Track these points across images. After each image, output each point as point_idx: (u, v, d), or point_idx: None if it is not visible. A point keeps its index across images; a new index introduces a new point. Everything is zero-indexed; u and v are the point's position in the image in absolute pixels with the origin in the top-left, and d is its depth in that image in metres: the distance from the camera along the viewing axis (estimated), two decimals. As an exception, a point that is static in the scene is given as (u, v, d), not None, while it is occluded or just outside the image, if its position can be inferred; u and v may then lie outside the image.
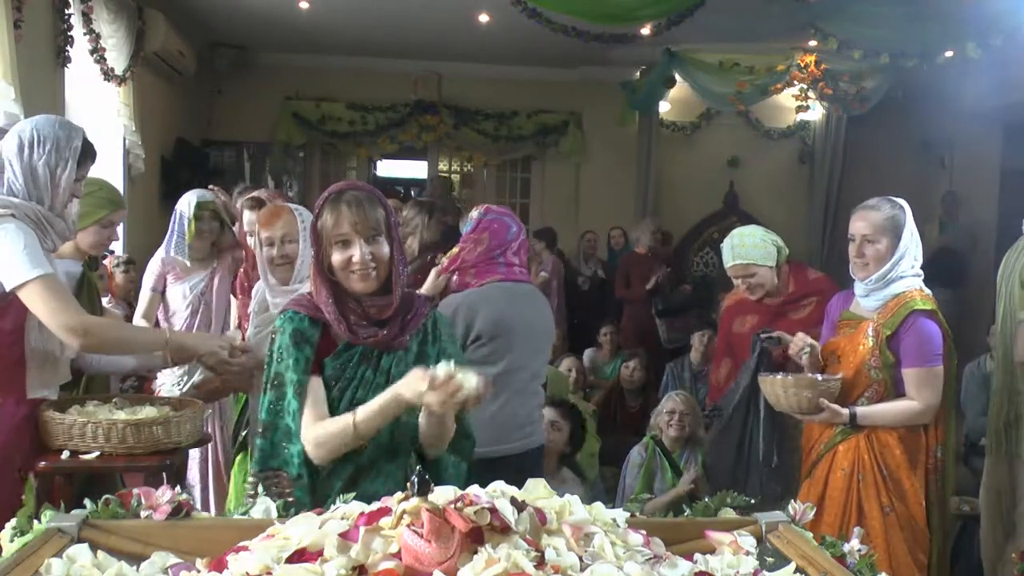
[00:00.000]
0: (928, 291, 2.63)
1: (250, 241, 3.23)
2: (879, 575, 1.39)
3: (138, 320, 3.56)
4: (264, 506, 1.59)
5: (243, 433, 2.99)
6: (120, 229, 5.80)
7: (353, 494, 1.54)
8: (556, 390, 4.37)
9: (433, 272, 3.04)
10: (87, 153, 2.39)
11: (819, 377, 2.64)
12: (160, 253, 3.57)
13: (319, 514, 1.39)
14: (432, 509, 1.20)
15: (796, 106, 8.29)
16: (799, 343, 2.73)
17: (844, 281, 2.86)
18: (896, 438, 2.59)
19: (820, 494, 2.66)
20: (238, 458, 3.05)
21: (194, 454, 3.32)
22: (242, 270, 3.45)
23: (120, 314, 4.25)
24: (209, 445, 3.36)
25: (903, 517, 2.57)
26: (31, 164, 2.28)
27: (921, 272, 2.67)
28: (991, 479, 3.13)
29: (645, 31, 6.18)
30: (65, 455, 2.29)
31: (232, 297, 3.57)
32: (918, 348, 2.55)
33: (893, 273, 2.61)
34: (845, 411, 2.62)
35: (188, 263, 3.49)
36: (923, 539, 2.58)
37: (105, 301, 4.29)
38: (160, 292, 3.54)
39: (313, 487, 1.82)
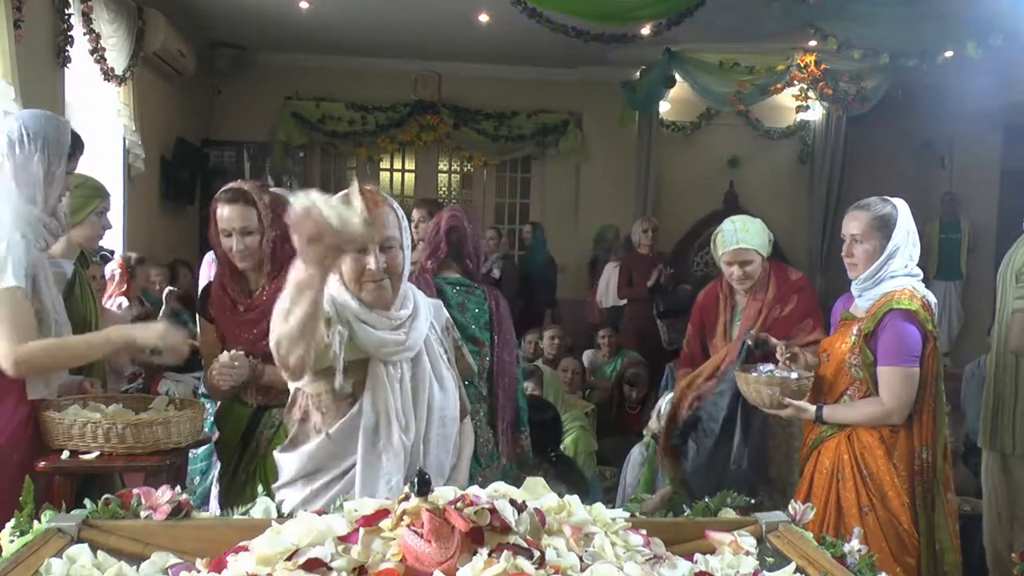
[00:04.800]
0: (921, 292, 2.60)
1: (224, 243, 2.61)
2: (879, 575, 1.39)
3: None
4: (264, 506, 1.59)
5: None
6: (120, 229, 5.77)
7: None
8: (552, 390, 4.37)
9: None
10: (76, 145, 2.38)
11: (793, 375, 2.66)
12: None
13: (320, 514, 1.39)
14: (432, 509, 1.20)
15: (796, 106, 8.30)
16: (780, 349, 2.77)
17: (843, 281, 2.86)
18: (877, 439, 2.57)
19: (806, 493, 2.67)
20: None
21: None
22: (216, 279, 2.76)
23: (123, 315, 4.26)
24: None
25: (884, 519, 2.54)
26: (25, 163, 2.24)
27: (919, 271, 2.65)
28: (987, 473, 3.19)
29: (645, 31, 6.17)
30: (65, 455, 2.28)
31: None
32: (892, 347, 2.53)
33: (883, 272, 2.59)
34: (812, 408, 2.64)
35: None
36: (910, 541, 2.55)
37: (118, 304, 4.28)
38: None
39: None
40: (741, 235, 3.07)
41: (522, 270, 7.49)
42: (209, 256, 3.66)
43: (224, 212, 2.56)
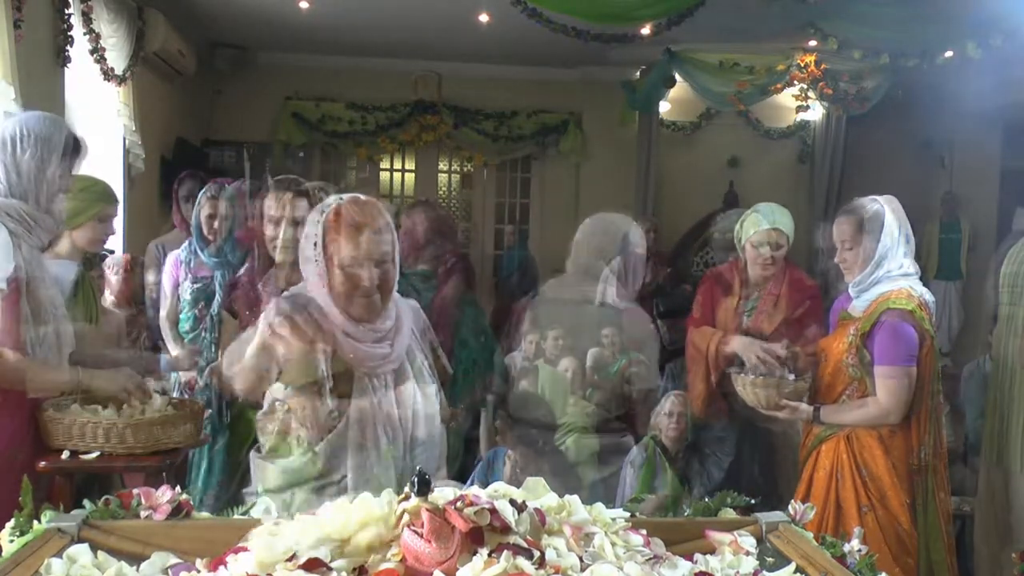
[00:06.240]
0: (918, 291, 2.60)
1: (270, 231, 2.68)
2: (879, 575, 1.39)
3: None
4: (264, 506, 1.59)
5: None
6: (120, 229, 5.77)
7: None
8: (551, 389, 4.37)
9: None
10: (75, 147, 2.38)
11: (790, 376, 2.66)
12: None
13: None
14: (432, 509, 1.20)
15: (796, 106, 8.29)
16: (779, 349, 2.80)
17: (841, 282, 2.86)
18: (876, 439, 2.57)
19: (805, 493, 2.67)
20: None
21: None
22: (246, 274, 2.86)
23: (123, 315, 4.25)
24: None
25: (884, 519, 2.55)
26: (16, 161, 2.25)
27: (915, 270, 2.64)
28: (986, 483, 3.14)
29: (645, 31, 6.17)
30: (65, 455, 2.29)
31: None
32: (889, 347, 2.54)
33: (877, 274, 2.60)
34: (808, 408, 2.64)
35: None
36: (909, 542, 2.55)
37: (110, 303, 4.28)
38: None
39: None
40: (778, 216, 3.11)
41: (500, 271, 7.51)
42: (174, 256, 3.54)
43: (276, 200, 2.54)
